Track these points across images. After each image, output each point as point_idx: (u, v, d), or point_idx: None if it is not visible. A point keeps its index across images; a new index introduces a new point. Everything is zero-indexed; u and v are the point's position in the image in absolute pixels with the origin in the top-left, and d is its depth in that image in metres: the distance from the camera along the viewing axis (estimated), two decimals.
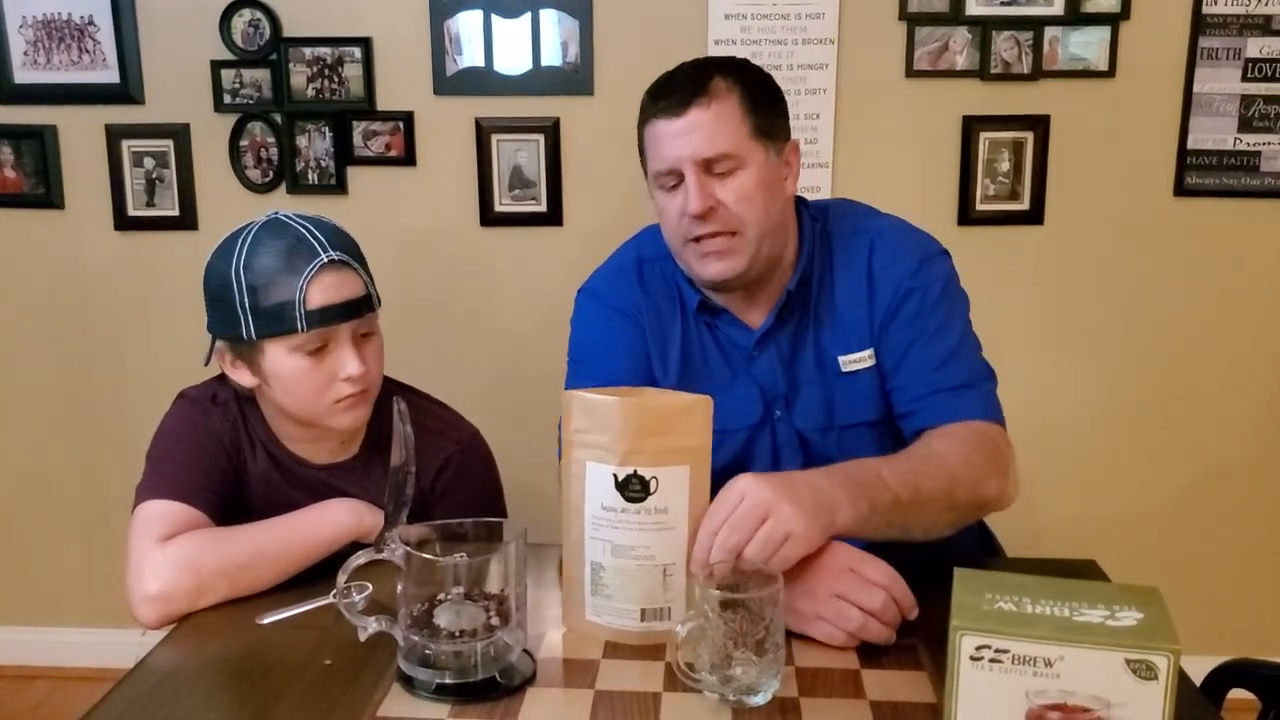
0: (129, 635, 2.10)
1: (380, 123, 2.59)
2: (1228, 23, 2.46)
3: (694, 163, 1.46)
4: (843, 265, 1.59)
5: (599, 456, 1.23)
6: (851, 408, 1.60)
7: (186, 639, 1.32)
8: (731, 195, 1.48)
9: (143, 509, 1.45)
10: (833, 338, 1.59)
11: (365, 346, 1.51)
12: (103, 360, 2.78)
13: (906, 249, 1.58)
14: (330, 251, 1.46)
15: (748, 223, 1.49)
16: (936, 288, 1.56)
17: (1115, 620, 0.91)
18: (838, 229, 1.62)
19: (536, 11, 2.52)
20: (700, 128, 1.46)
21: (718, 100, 1.47)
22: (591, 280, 1.72)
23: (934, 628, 1.20)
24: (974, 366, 1.55)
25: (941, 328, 1.55)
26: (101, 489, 2.83)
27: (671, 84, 1.51)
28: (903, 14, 2.49)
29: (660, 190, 1.53)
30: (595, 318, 1.68)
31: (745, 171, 1.48)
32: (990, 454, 1.43)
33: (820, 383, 1.60)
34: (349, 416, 1.51)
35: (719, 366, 1.62)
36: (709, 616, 1.10)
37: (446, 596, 1.17)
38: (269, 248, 1.45)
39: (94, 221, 2.69)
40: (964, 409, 1.49)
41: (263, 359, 1.48)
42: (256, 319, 1.45)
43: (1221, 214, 2.57)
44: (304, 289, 1.43)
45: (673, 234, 1.54)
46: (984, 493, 1.40)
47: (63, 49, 2.59)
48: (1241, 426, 2.68)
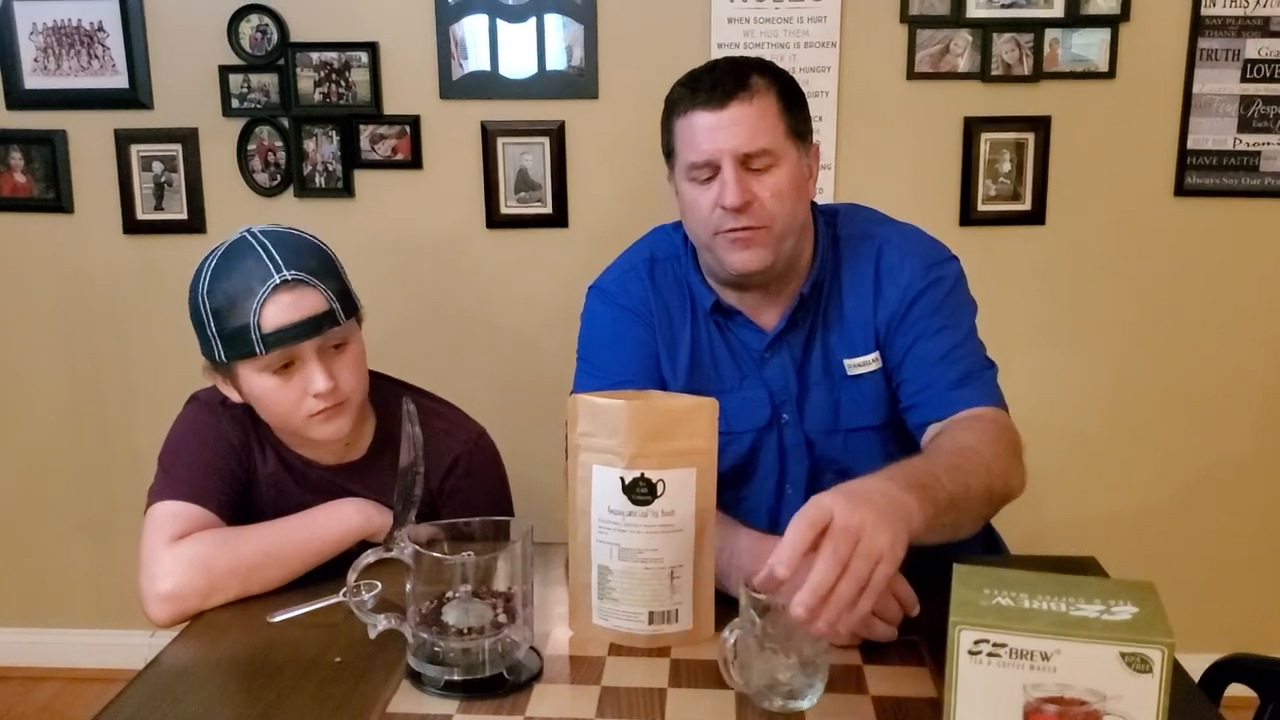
0: (137, 636, 2.12)
1: (387, 126, 2.61)
2: (1227, 24, 2.47)
3: (734, 156, 1.47)
4: (850, 269, 1.60)
5: (606, 460, 1.23)
6: (857, 411, 1.60)
7: (198, 637, 1.33)
8: (767, 191, 1.48)
9: (155, 510, 1.47)
10: (839, 341, 1.60)
11: (337, 359, 1.50)
12: (111, 362, 2.80)
13: (914, 254, 1.59)
14: (284, 271, 1.44)
15: (778, 219, 1.50)
16: (943, 289, 1.57)
17: (1110, 614, 0.92)
18: (847, 233, 1.63)
19: (541, 16, 2.54)
20: (742, 122, 1.47)
21: (759, 97, 1.48)
22: (603, 278, 1.72)
23: (936, 624, 1.21)
24: (977, 358, 1.56)
25: (946, 325, 1.56)
26: (110, 491, 2.85)
27: (713, 77, 1.51)
28: (904, 17, 2.51)
29: (690, 182, 1.53)
30: (605, 316, 1.68)
31: (780, 169, 1.50)
32: (1009, 444, 1.44)
33: (826, 386, 1.60)
34: (328, 428, 1.51)
35: (728, 368, 1.63)
36: (755, 622, 1.10)
37: (455, 594, 1.19)
38: (228, 271, 1.46)
39: (103, 225, 2.71)
40: (970, 398, 1.50)
41: (238, 379, 1.50)
42: (223, 342, 1.46)
43: (1222, 214, 2.58)
44: (258, 311, 1.43)
45: (702, 226, 1.53)
46: (1011, 483, 1.40)
47: (72, 55, 2.61)
48: (1242, 425, 2.70)
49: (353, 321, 1.54)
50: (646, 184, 2.59)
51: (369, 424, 1.63)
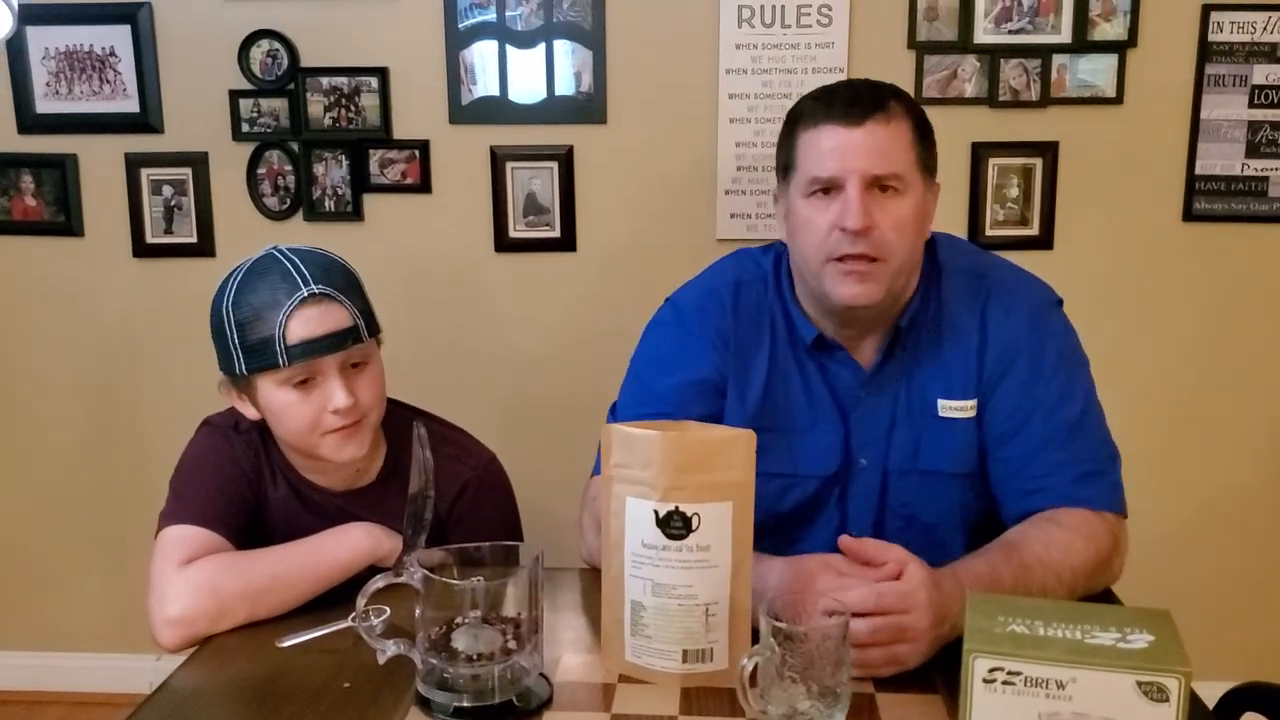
0: (144, 661, 2.11)
1: (396, 151, 2.62)
2: (1234, 50, 2.48)
3: (862, 177, 1.40)
4: (955, 304, 1.53)
5: (640, 492, 1.20)
6: (939, 454, 1.52)
7: (207, 662, 1.33)
8: (889, 219, 1.41)
9: (165, 534, 1.47)
10: (934, 378, 1.52)
11: (357, 377, 1.51)
12: (121, 387, 2.80)
13: (1021, 299, 1.53)
14: (312, 285, 1.46)
15: (895, 251, 1.42)
16: (1052, 349, 1.50)
17: (1126, 643, 0.91)
18: (951, 265, 1.56)
19: (550, 42, 2.55)
20: (877, 142, 1.41)
21: (895, 120, 1.43)
22: (682, 294, 1.65)
23: (950, 651, 1.20)
24: (1100, 447, 1.49)
25: (1062, 398, 1.48)
26: (119, 515, 2.85)
27: (850, 92, 1.44)
28: (911, 43, 2.52)
29: (806, 199, 1.45)
30: (673, 337, 1.60)
31: (905, 198, 1.43)
32: (1111, 549, 1.42)
33: (909, 423, 1.53)
34: (345, 450, 1.51)
35: (802, 408, 1.55)
36: (774, 650, 1.09)
37: (464, 620, 1.18)
38: (255, 284, 1.47)
39: (113, 249, 2.72)
40: (1090, 497, 1.43)
41: (256, 393, 1.51)
42: (245, 354, 1.47)
43: (1230, 239, 2.58)
44: (284, 323, 1.44)
45: (815, 248, 1.45)
46: (1097, 586, 1.41)
47: (84, 79, 2.63)
48: (1252, 450, 2.69)
49: (374, 341, 1.55)
50: (655, 208, 2.61)
51: (380, 450, 1.63)
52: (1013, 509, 1.48)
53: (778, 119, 2.52)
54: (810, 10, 2.50)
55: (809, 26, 2.51)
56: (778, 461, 1.53)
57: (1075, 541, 1.38)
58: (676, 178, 2.60)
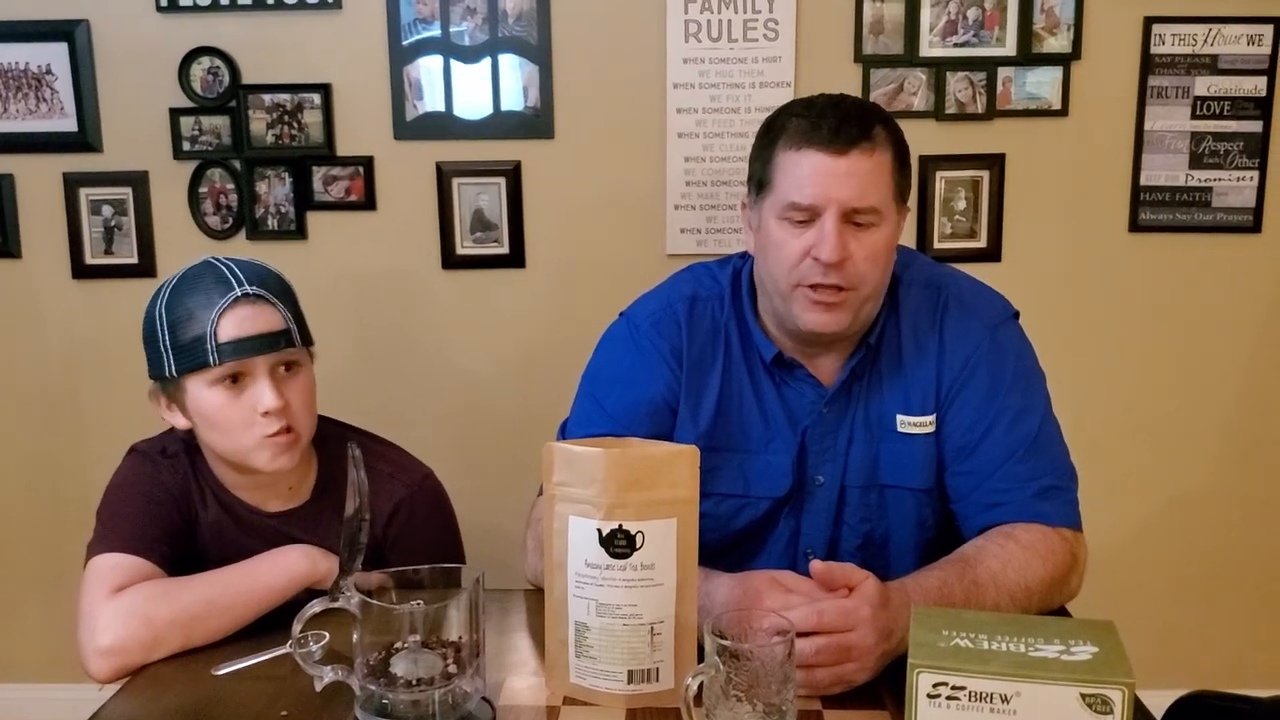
0: (86, 691, 2.05)
1: (340, 168, 2.59)
2: (1176, 62, 2.51)
3: (841, 208, 1.38)
4: (911, 319, 1.52)
5: (583, 510, 1.18)
6: (898, 470, 1.52)
7: (141, 691, 1.30)
8: (863, 251, 1.39)
9: (94, 563, 1.43)
10: (893, 394, 1.51)
11: (287, 382, 1.50)
12: (61, 412, 2.74)
13: (978, 313, 1.52)
14: (245, 286, 1.46)
15: (866, 281, 1.41)
16: (1010, 362, 1.50)
17: (1070, 655, 0.91)
18: (908, 278, 1.54)
19: (496, 56, 2.54)
20: (858, 174, 1.38)
21: (879, 150, 1.40)
22: (637, 308, 1.62)
23: (895, 667, 1.19)
24: (1059, 461, 1.49)
25: (1022, 411, 1.47)
26: (59, 542, 2.78)
27: (838, 116, 1.40)
28: (858, 56, 2.52)
29: (781, 221, 1.42)
30: (627, 353, 1.57)
31: (880, 230, 1.41)
32: (1069, 566, 1.41)
33: (867, 439, 1.52)
34: (278, 460, 1.49)
35: (755, 426, 1.53)
36: (719, 668, 1.07)
37: (403, 645, 1.16)
38: (189, 287, 1.47)
39: (51, 270, 2.66)
40: (1050, 513, 1.43)
41: (186, 397, 1.49)
42: (175, 354, 1.46)
43: (1175, 249, 2.61)
44: (215, 321, 1.44)
45: (785, 272, 1.42)
46: (1054, 603, 1.40)
47: (20, 98, 2.58)
48: (1200, 459, 2.71)
49: (306, 351, 1.54)
50: (604, 224, 2.59)
51: (311, 467, 1.60)
52: (973, 523, 1.47)
53: (726, 133, 2.54)
54: (757, 24, 2.51)
55: (756, 40, 2.51)
56: (729, 482, 1.52)
57: (1032, 560, 1.37)
58: (626, 193, 2.58)
